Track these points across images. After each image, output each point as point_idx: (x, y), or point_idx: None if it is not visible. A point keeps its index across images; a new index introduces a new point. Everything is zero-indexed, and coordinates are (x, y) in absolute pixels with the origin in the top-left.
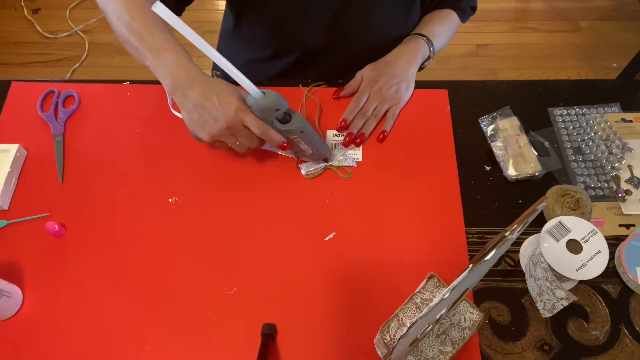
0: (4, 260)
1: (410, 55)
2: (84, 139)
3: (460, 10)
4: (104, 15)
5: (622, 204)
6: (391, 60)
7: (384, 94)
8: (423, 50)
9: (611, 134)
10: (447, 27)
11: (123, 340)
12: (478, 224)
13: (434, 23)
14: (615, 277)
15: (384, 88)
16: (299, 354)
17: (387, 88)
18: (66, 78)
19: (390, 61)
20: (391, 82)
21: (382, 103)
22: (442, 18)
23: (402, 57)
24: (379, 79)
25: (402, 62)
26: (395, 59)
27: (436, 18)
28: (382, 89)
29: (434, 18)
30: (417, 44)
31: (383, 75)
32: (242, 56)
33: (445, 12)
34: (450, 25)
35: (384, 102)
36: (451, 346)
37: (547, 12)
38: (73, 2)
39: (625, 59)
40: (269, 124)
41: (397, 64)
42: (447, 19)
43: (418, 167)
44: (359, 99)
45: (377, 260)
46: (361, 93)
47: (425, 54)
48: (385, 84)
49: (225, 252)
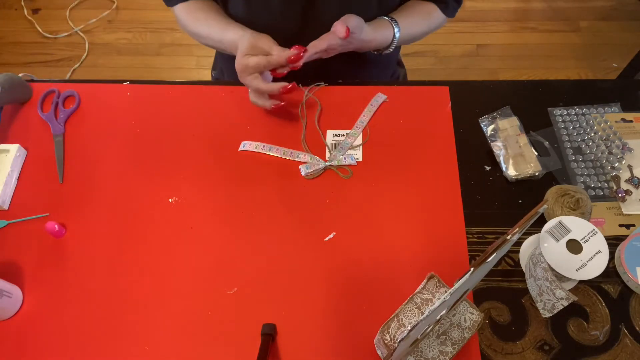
0: (4, 260)
1: (378, 32)
2: (84, 139)
3: (443, 4)
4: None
5: (622, 204)
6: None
7: (351, 44)
8: (387, 33)
9: (611, 134)
10: (423, 20)
11: (123, 340)
12: (478, 224)
13: (410, 13)
14: (615, 277)
15: (355, 42)
16: (299, 354)
17: (355, 43)
18: (66, 78)
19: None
20: (360, 45)
21: (344, 47)
22: (420, 11)
23: (372, 30)
24: (351, 37)
25: (370, 30)
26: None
27: (415, 9)
28: (353, 43)
29: (413, 8)
30: (384, 27)
31: (356, 33)
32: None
33: (426, 5)
34: (429, 20)
35: (346, 47)
36: (451, 346)
37: (547, 12)
38: (73, 2)
39: (625, 59)
40: None
41: (366, 31)
42: (428, 13)
43: (418, 167)
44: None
45: (377, 260)
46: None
47: (389, 38)
48: (355, 42)
49: (225, 252)
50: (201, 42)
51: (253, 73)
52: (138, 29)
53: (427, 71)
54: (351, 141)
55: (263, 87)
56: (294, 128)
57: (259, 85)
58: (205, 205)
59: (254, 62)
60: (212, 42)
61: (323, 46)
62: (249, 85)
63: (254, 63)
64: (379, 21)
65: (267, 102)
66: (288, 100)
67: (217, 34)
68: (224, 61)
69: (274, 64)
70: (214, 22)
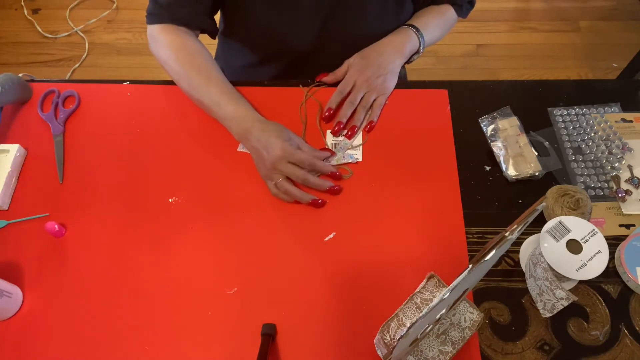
0: (4, 260)
1: (398, 47)
2: (84, 139)
3: (457, 6)
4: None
5: (622, 204)
6: (379, 50)
7: (372, 84)
8: (412, 43)
9: (611, 134)
10: (442, 21)
11: (123, 340)
12: (478, 224)
13: (428, 16)
14: (615, 277)
15: (372, 78)
16: (299, 354)
17: (375, 78)
18: (66, 78)
19: (379, 51)
20: (378, 72)
21: (369, 93)
22: (437, 12)
23: (389, 47)
24: (366, 69)
25: (389, 52)
26: (383, 48)
27: (431, 12)
28: (370, 79)
29: (429, 12)
30: (407, 36)
31: (371, 66)
32: (237, 60)
33: (441, 7)
34: (445, 20)
35: (371, 92)
36: (451, 346)
37: (547, 12)
38: (73, 2)
39: (625, 59)
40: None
41: (385, 54)
42: (443, 14)
43: (418, 167)
44: (344, 87)
45: (377, 260)
46: (347, 82)
47: (415, 47)
48: (373, 74)
49: (225, 252)
50: (181, 85)
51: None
52: (138, 29)
53: (427, 71)
54: (351, 141)
55: (312, 179)
56: (294, 128)
57: (315, 160)
58: (205, 205)
59: (301, 157)
60: (198, 95)
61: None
62: (296, 159)
63: (300, 158)
64: (402, 32)
65: (306, 196)
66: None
67: (217, 96)
68: (224, 61)
69: (318, 167)
70: (220, 83)
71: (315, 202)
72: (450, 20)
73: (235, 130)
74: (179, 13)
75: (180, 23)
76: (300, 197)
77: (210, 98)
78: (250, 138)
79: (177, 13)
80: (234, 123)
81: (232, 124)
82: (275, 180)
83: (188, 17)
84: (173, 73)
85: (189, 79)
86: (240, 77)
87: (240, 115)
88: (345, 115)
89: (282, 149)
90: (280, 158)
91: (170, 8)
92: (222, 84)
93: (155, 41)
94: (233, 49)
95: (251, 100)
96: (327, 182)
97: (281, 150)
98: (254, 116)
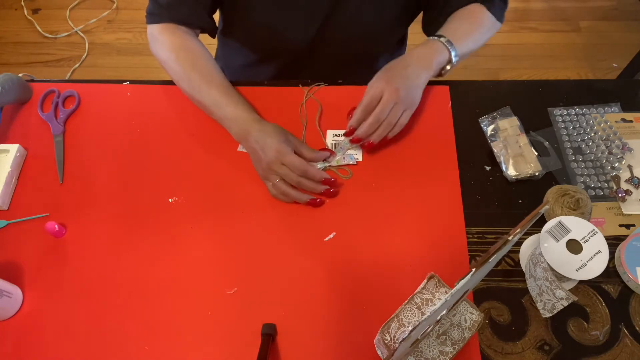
0: (4, 260)
1: (424, 60)
2: (84, 139)
3: (489, 3)
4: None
5: (622, 204)
6: (405, 62)
7: (400, 95)
8: (440, 55)
9: (611, 134)
10: (475, 26)
11: (123, 340)
12: (478, 224)
13: (458, 22)
14: (615, 277)
15: (401, 89)
16: (299, 354)
17: (404, 89)
18: (66, 78)
19: (404, 63)
20: (407, 83)
21: (397, 105)
22: (467, 16)
23: (415, 59)
24: (393, 79)
25: (415, 65)
26: (408, 60)
27: (461, 16)
28: (399, 90)
29: (459, 17)
30: (432, 48)
31: (398, 76)
32: (236, 60)
33: (470, 8)
34: (480, 22)
35: (399, 104)
36: (451, 347)
37: (547, 12)
38: (73, 2)
39: (625, 59)
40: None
41: (411, 66)
42: (474, 16)
43: (418, 167)
44: (370, 101)
45: (377, 260)
46: (373, 95)
47: (444, 59)
48: (402, 85)
49: (225, 252)
50: (181, 86)
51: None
52: (138, 29)
53: None
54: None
55: (305, 182)
56: (294, 128)
57: (306, 166)
58: (205, 205)
59: (293, 160)
60: (199, 96)
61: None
62: (289, 162)
63: (293, 161)
64: (428, 45)
65: (303, 197)
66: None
67: (217, 97)
68: (223, 61)
69: (310, 174)
70: (220, 84)
71: (313, 202)
72: (485, 21)
73: (235, 131)
74: (179, 12)
75: (180, 22)
76: (298, 198)
77: (210, 99)
78: (248, 139)
79: (177, 12)
80: (233, 124)
81: (231, 125)
82: (272, 181)
83: (188, 16)
84: (173, 73)
85: (189, 80)
86: (239, 76)
87: (239, 116)
88: (367, 133)
89: (277, 150)
90: (275, 159)
91: (170, 7)
92: (223, 85)
93: (156, 41)
94: (232, 48)
95: (251, 100)
96: (320, 186)
97: (276, 151)
98: (253, 117)
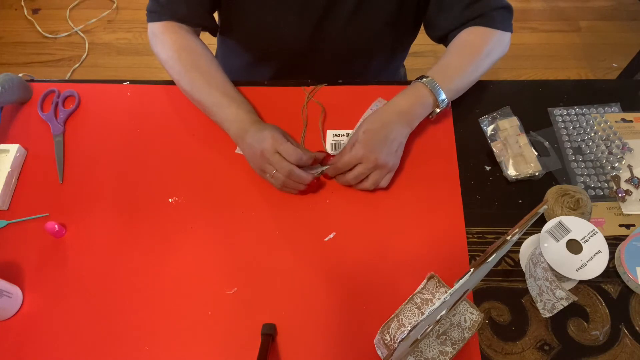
0: (4, 260)
1: (404, 116)
2: (84, 139)
3: (489, 18)
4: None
5: (622, 204)
6: (383, 120)
7: (379, 164)
8: (423, 106)
9: (611, 134)
10: (472, 57)
11: (123, 340)
12: (478, 224)
13: (453, 56)
14: (615, 277)
15: (380, 158)
16: (299, 354)
17: (383, 158)
18: (66, 78)
19: (383, 122)
20: (386, 150)
21: (378, 171)
22: (466, 45)
23: (394, 117)
24: (373, 147)
25: (394, 123)
26: (387, 118)
27: (461, 46)
28: (379, 159)
29: (458, 46)
30: (414, 96)
31: (378, 142)
32: (235, 60)
33: (474, 31)
34: (478, 51)
35: (381, 169)
36: (451, 347)
37: (547, 12)
38: (73, 2)
39: (625, 59)
40: None
41: (390, 125)
42: (474, 44)
43: (418, 167)
44: (345, 165)
45: (377, 260)
46: (348, 161)
47: (427, 107)
48: (381, 152)
49: (225, 252)
50: (182, 86)
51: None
52: (138, 29)
53: (427, 71)
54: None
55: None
56: (294, 128)
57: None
58: (205, 205)
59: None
60: (199, 97)
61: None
62: (283, 151)
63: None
64: (409, 92)
65: (305, 176)
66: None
67: (218, 98)
68: (222, 61)
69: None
70: (221, 85)
71: (317, 181)
72: (487, 44)
73: (233, 132)
74: (179, 10)
75: (181, 20)
76: (300, 181)
77: (211, 100)
78: (245, 137)
79: (178, 10)
80: (232, 125)
81: (231, 126)
82: (269, 172)
83: (188, 14)
84: (174, 73)
85: (190, 80)
86: (238, 76)
87: (240, 118)
88: (345, 182)
89: (272, 138)
90: (271, 147)
91: (171, 5)
92: (224, 85)
93: (157, 40)
94: (230, 48)
95: (251, 100)
96: (310, 175)
97: (272, 138)
98: (252, 119)
